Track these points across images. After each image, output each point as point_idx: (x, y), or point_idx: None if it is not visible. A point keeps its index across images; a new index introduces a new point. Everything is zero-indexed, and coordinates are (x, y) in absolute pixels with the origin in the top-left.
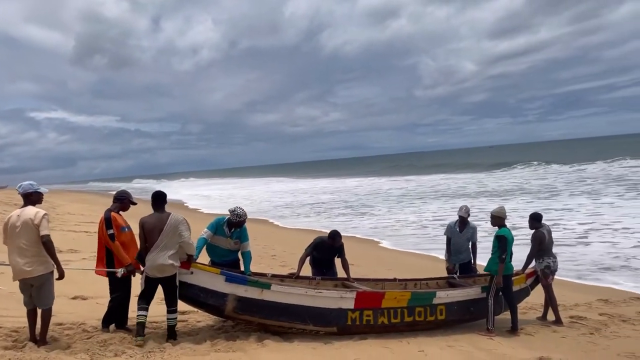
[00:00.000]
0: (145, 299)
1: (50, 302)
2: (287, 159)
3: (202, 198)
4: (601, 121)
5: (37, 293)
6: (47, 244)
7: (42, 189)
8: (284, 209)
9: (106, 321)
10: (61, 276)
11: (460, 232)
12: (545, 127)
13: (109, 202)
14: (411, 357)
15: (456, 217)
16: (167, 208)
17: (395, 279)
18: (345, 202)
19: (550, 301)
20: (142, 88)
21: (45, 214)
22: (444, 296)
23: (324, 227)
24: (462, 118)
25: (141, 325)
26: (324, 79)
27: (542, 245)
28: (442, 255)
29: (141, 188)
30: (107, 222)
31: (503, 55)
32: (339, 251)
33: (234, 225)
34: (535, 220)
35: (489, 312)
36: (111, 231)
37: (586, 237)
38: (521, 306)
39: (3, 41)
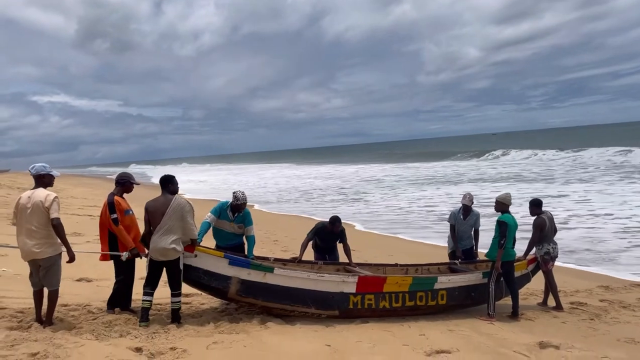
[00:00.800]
0: (151, 283)
1: (57, 284)
2: (288, 146)
3: (198, 183)
4: (605, 109)
5: (44, 274)
6: (57, 227)
7: (54, 172)
8: (275, 194)
9: (111, 303)
10: (72, 259)
11: (464, 220)
12: (548, 115)
13: (111, 186)
14: (412, 341)
15: (459, 205)
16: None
17: (396, 264)
18: (340, 189)
19: (550, 287)
20: (143, 73)
21: (55, 197)
22: (446, 281)
23: (314, 215)
24: (464, 105)
25: (145, 310)
26: (326, 65)
27: (542, 231)
28: (429, 240)
29: (138, 173)
30: (110, 206)
31: (507, 41)
32: (340, 237)
33: (235, 208)
34: (535, 206)
35: (490, 298)
36: (114, 215)
37: (590, 224)
38: (522, 292)
39: (4, 24)
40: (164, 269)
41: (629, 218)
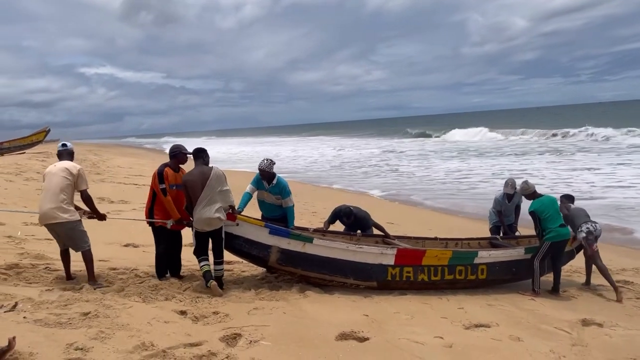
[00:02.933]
0: (202, 252)
1: (85, 245)
2: (326, 119)
3: (238, 154)
4: None
5: (68, 239)
6: (87, 200)
7: (69, 145)
8: (314, 166)
9: (160, 271)
10: (102, 218)
11: (508, 203)
12: (598, 88)
13: (155, 156)
14: (451, 314)
15: (501, 191)
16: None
17: (436, 238)
18: (378, 161)
19: (601, 272)
20: (186, 45)
21: (81, 169)
22: (486, 256)
23: (349, 186)
24: (510, 77)
25: (208, 273)
26: (367, 36)
27: (567, 216)
28: (467, 215)
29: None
30: (160, 176)
31: (557, 11)
32: (363, 225)
33: (262, 176)
34: (567, 200)
35: (535, 274)
36: (163, 185)
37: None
38: (565, 269)
39: None
40: (210, 238)
41: None
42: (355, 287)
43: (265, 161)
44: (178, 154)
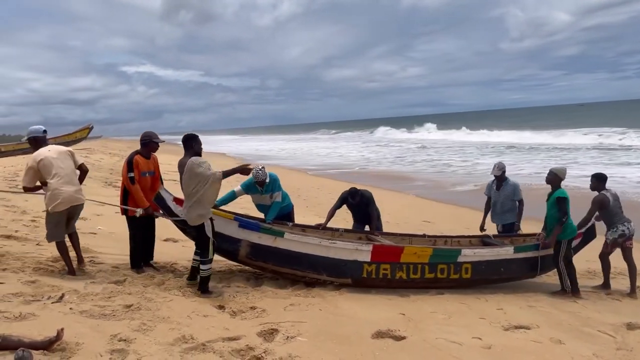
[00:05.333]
0: (195, 245)
1: (74, 227)
2: (361, 115)
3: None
4: None
5: (75, 220)
6: (85, 172)
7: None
8: (347, 161)
9: (135, 261)
10: None
11: (497, 190)
12: None
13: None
14: (489, 314)
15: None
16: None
17: (424, 235)
18: (420, 157)
19: (629, 268)
20: (224, 43)
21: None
22: (470, 254)
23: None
24: (551, 73)
25: (193, 269)
26: (403, 32)
27: (605, 209)
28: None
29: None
30: (129, 164)
31: (600, 4)
32: (367, 205)
33: (259, 184)
34: (598, 180)
35: (563, 274)
36: (131, 174)
37: None
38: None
39: None
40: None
41: None
42: (329, 284)
43: (260, 171)
44: (149, 142)
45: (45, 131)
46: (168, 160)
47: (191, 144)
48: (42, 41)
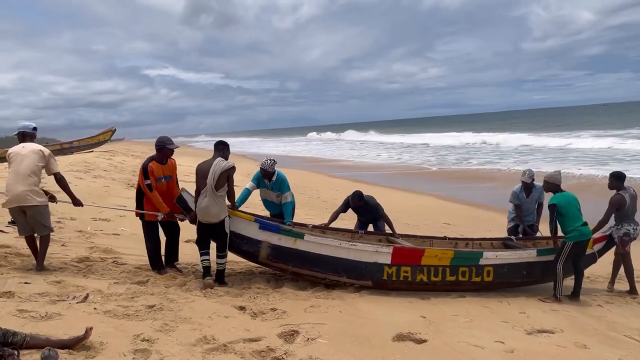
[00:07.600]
0: (202, 244)
1: (49, 229)
2: (380, 117)
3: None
4: None
5: (35, 223)
6: (61, 180)
7: (34, 125)
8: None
9: (155, 263)
10: (78, 204)
11: (527, 198)
12: None
13: (208, 155)
14: (512, 318)
15: (519, 184)
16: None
17: (445, 237)
18: (437, 158)
19: (626, 270)
20: (244, 46)
21: (51, 152)
22: (493, 257)
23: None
24: (574, 73)
25: (207, 269)
26: (423, 33)
27: (621, 210)
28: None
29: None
30: (144, 172)
31: (626, 3)
32: (375, 212)
33: (264, 175)
34: (616, 179)
35: (558, 278)
36: (148, 181)
37: None
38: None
39: (123, 3)
40: (211, 230)
41: None
42: (349, 286)
43: (268, 161)
44: (162, 148)
45: (35, 128)
46: (188, 162)
47: (222, 148)
48: (65, 45)
